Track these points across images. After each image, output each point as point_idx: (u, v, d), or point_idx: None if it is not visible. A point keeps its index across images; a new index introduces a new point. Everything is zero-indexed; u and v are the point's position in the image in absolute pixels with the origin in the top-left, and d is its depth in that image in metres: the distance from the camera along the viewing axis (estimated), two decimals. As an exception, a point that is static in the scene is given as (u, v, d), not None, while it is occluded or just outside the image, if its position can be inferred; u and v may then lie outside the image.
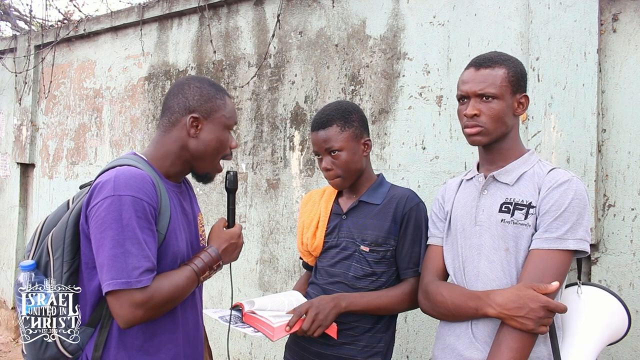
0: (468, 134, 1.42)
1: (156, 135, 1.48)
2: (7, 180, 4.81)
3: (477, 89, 1.38)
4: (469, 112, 1.39)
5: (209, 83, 1.49)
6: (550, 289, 1.25)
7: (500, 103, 1.38)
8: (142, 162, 1.40)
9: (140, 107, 3.67)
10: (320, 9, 2.74)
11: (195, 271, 1.38)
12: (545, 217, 1.32)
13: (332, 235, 1.73)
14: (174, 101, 1.45)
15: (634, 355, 1.79)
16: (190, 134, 1.43)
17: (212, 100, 1.45)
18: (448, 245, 1.52)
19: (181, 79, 1.51)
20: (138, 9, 3.65)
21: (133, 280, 1.22)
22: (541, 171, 1.40)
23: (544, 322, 1.24)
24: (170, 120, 1.45)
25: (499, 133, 1.40)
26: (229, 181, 1.59)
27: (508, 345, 1.25)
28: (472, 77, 1.41)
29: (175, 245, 1.38)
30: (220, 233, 1.52)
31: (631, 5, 1.86)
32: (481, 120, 1.39)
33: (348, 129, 1.67)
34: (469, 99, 1.41)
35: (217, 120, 1.46)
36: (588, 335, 1.34)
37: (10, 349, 4.36)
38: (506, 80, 1.39)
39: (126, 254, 1.23)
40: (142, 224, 1.26)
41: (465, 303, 1.36)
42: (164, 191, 1.37)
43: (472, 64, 1.44)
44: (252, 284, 2.99)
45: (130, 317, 1.24)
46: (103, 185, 1.28)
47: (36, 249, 1.37)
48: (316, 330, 1.52)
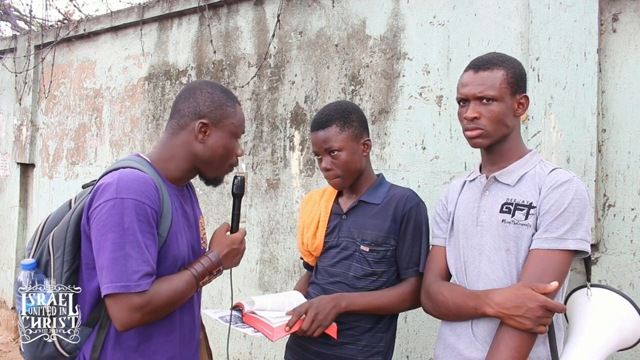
0: (469, 137, 1.43)
1: (163, 136, 1.48)
2: (7, 180, 4.81)
3: (477, 91, 1.39)
4: (469, 115, 1.40)
5: (221, 90, 1.48)
6: (549, 288, 1.25)
7: (500, 105, 1.38)
8: (145, 165, 1.40)
9: (140, 107, 3.67)
10: (320, 9, 2.74)
11: (195, 276, 1.38)
12: (545, 217, 1.32)
13: (332, 235, 1.73)
14: (184, 105, 1.45)
15: (634, 355, 1.79)
16: (198, 139, 1.42)
17: (222, 107, 1.45)
18: (450, 246, 1.52)
19: (193, 83, 1.50)
20: (138, 9, 3.65)
21: (132, 284, 1.22)
22: (542, 171, 1.40)
23: (543, 321, 1.25)
24: (179, 123, 1.44)
25: (500, 135, 1.41)
26: (236, 186, 1.57)
27: (507, 344, 1.26)
28: (471, 80, 1.41)
29: (176, 248, 1.38)
30: (222, 238, 1.51)
31: (631, 5, 1.86)
32: (481, 122, 1.39)
33: (348, 129, 1.67)
34: (469, 102, 1.41)
35: (226, 127, 1.45)
36: (594, 336, 1.33)
37: (10, 349, 4.36)
38: (505, 82, 1.38)
39: (126, 258, 1.23)
40: (143, 228, 1.26)
41: (465, 302, 1.37)
42: (166, 194, 1.37)
43: (470, 67, 1.44)
44: (252, 284, 2.99)
45: (128, 320, 1.24)
46: (106, 187, 1.28)
47: (37, 247, 1.37)
48: (316, 330, 1.52)
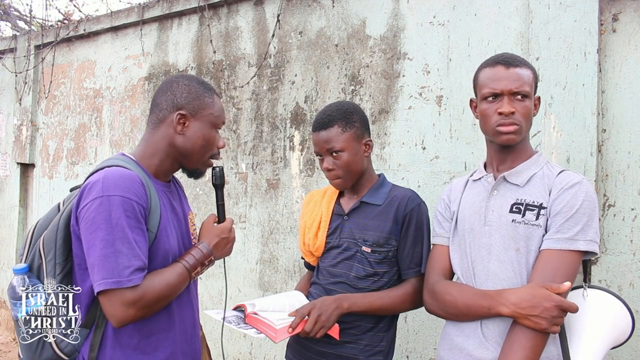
0: (504, 132, 1.39)
1: (145, 133, 1.49)
2: (7, 180, 4.81)
3: (513, 87, 1.38)
4: (506, 110, 1.37)
5: (197, 81, 1.49)
6: (563, 288, 1.26)
7: (530, 103, 1.40)
8: (130, 163, 1.40)
9: (140, 107, 3.67)
10: (320, 9, 2.74)
11: (187, 267, 1.39)
12: (557, 218, 1.33)
13: (334, 236, 1.73)
14: (162, 98, 1.46)
15: (634, 355, 1.79)
16: (177, 130, 1.44)
17: (200, 98, 1.46)
18: (455, 245, 1.52)
19: (170, 77, 1.53)
20: (138, 9, 3.65)
21: (124, 280, 1.23)
22: (550, 173, 1.41)
23: (557, 321, 1.25)
24: (158, 117, 1.46)
25: (527, 132, 1.43)
26: (215, 177, 1.59)
27: (521, 344, 1.26)
28: (505, 75, 1.39)
29: (166, 243, 1.39)
30: (210, 228, 1.52)
31: (631, 5, 1.86)
32: (517, 118, 1.38)
33: (349, 130, 1.67)
34: (502, 97, 1.39)
35: (205, 118, 1.47)
36: (594, 337, 1.34)
37: (10, 349, 4.36)
38: (533, 81, 1.42)
39: (116, 254, 1.23)
40: (131, 223, 1.27)
41: (476, 302, 1.36)
42: (153, 191, 1.38)
43: (498, 62, 1.42)
44: (252, 284, 2.99)
45: (123, 316, 1.25)
46: (92, 186, 1.29)
47: (28, 252, 1.37)
48: (319, 331, 1.52)
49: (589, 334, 1.34)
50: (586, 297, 1.41)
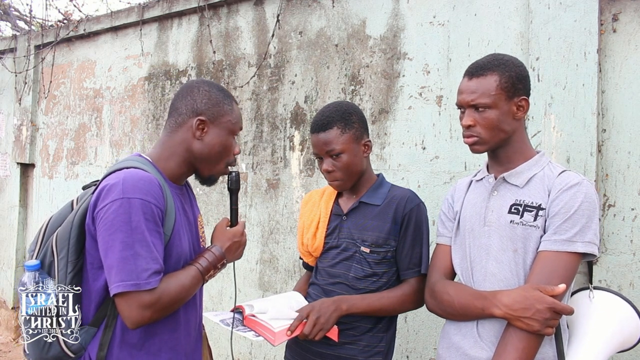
0: (466, 143, 1.45)
1: (162, 135, 1.50)
2: (7, 180, 4.81)
3: (469, 99, 1.39)
4: (464, 124, 1.42)
5: (217, 88, 1.50)
6: (557, 290, 1.25)
7: (494, 112, 1.38)
8: (147, 165, 1.41)
9: (140, 107, 3.67)
10: (320, 9, 2.74)
11: (200, 270, 1.40)
12: (555, 219, 1.32)
13: (333, 236, 1.73)
14: (182, 103, 1.47)
15: (634, 356, 1.79)
16: (196, 136, 1.45)
17: (219, 104, 1.47)
18: (456, 245, 1.52)
19: (190, 82, 1.52)
20: (138, 9, 3.65)
21: (142, 282, 1.24)
22: (551, 173, 1.40)
23: (550, 323, 1.25)
24: (177, 121, 1.46)
25: (497, 140, 1.41)
26: (231, 181, 1.61)
27: (514, 345, 1.26)
28: (465, 87, 1.42)
29: (179, 246, 1.40)
30: (223, 232, 1.54)
31: (631, 5, 1.86)
32: (476, 130, 1.40)
33: (349, 131, 1.66)
34: (465, 109, 1.43)
35: (223, 125, 1.48)
36: (596, 338, 1.33)
37: (10, 349, 4.36)
38: (499, 88, 1.37)
39: (135, 257, 1.24)
40: (150, 227, 1.28)
41: (471, 303, 1.37)
42: (169, 193, 1.39)
43: (466, 73, 1.44)
44: (252, 284, 2.99)
45: (139, 318, 1.26)
46: (111, 187, 1.29)
47: (40, 248, 1.37)
48: (317, 334, 1.52)
49: (591, 336, 1.34)
50: (592, 299, 1.41)
